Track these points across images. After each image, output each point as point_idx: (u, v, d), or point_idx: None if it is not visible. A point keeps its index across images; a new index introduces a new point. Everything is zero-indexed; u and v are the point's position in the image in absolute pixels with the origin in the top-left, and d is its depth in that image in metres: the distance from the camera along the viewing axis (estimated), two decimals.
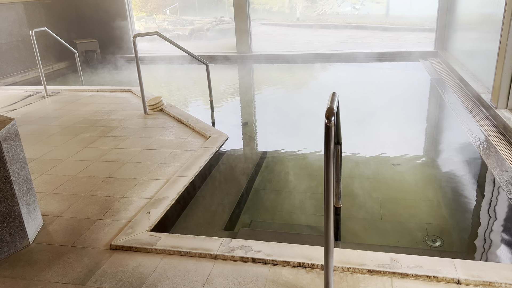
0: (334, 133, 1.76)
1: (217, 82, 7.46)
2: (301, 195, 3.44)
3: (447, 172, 3.67)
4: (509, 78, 4.21)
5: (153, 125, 4.78)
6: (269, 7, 20.19)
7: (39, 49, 8.30)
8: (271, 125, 5.30)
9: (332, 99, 1.89)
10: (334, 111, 1.76)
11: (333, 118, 1.73)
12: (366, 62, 8.15)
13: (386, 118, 5.17)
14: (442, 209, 3.08)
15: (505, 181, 3.05)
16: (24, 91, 6.84)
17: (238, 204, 3.27)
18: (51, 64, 8.58)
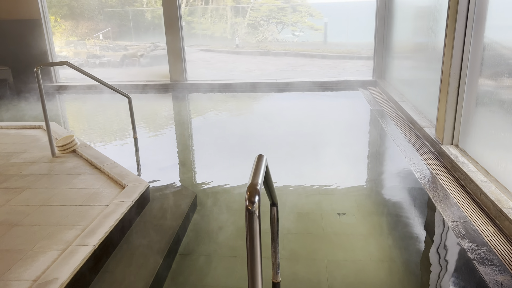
0: (259, 216, 1.21)
1: (146, 114, 6.79)
2: (238, 262, 2.85)
3: (396, 222, 3.28)
4: (453, 112, 3.98)
5: (60, 172, 4.01)
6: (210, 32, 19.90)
7: None
8: (204, 165, 4.71)
9: (256, 166, 1.35)
10: (258, 187, 1.22)
11: (256, 198, 1.19)
12: (305, 92, 7.88)
13: (325, 155, 4.79)
14: (395, 274, 2.63)
15: (462, 235, 2.67)
16: None
17: (156, 279, 2.61)
18: None
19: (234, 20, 19.65)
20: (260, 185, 1.24)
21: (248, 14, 19.75)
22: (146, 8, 19.46)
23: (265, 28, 19.99)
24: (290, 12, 19.31)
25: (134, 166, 4.61)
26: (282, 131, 5.68)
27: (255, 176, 1.27)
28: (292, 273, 2.68)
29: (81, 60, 12.77)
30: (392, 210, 3.47)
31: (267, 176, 1.64)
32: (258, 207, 1.19)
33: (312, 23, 19.13)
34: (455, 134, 3.99)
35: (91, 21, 18.12)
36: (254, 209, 1.18)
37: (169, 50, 8.16)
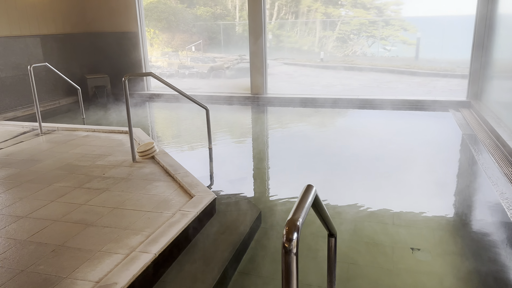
0: (297, 255, 1.10)
1: (223, 125, 6.94)
2: None
3: (478, 266, 2.88)
4: None
5: (137, 177, 4.22)
6: (298, 46, 20.01)
7: (47, 84, 8.09)
8: (275, 181, 4.65)
9: (301, 199, 1.24)
10: (298, 223, 1.11)
11: (295, 236, 1.08)
12: (388, 110, 7.46)
13: (404, 181, 4.43)
14: None
15: None
16: (21, 127, 6.51)
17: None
18: (58, 99, 8.33)
19: (322, 34, 19.52)
20: (301, 220, 1.13)
21: (338, 28, 19.48)
22: (237, 22, 20.22)
23: (354, 41, 19.55)
24: (382, 26, 18.65)
25: (206, 176, 4.70)
26: (360, 150, 5.41)
27: (297, 211, 1.16)
28: None
29: (172, 70, 13.59)
30: (475, 251, 3.07)
31: (319, 207, 1.52)
32: (296, 245, 1.08)
33: (405, 37, 18.26)
34: None
35: (186, 34, 19.30)
36: (291, 247, 1.07)
37: (251, 63, 8.31)
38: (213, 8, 20.51)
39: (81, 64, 9.05)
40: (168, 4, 19.32)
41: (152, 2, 18.77)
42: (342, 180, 4.54)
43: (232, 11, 21.29)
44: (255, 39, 8.17)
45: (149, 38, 19.12)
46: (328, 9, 19.82)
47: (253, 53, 8.26)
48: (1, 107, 7.18)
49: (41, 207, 3.57)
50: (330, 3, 19.72)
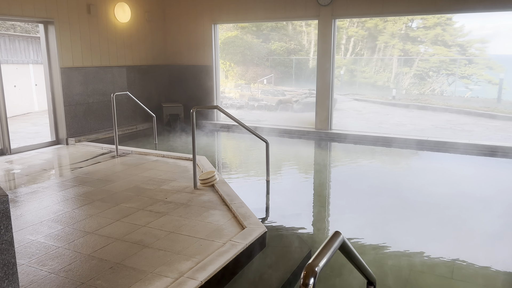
0: None
1: (284, 158, 7.02)
2: None
3: None
4: None
5: (196, 203, 4.43)
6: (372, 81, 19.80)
7: (127, 110, 8.84)
8: (330, 219, 4.60)
9: (326, 245, 1.28)
10: (316, 269, 1.15)
11: (311, 281, 1.12)
12: (460, 154, 7.04)
13: (470, 232, 4.13)
14: None
15: None
16: (100, 148, 7.15)
17: None
18: (136, 124, 9.03)
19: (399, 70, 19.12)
20: (320, 266, 1.17)
21: (416, 64, 18.99)
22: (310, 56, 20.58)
23: (433, 79, 18.87)
24: (464, 64, 17.84)
25: (260, 208, 4.78)
26: (424, 194, 5.17)
27: (318, 256, 1.20)
28: None
29: (243, 102, 14.10)
30: None
31: (351, 254, 1.53)
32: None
33: (491, 77, 17.25)
34: None
35: (259, 67, 20.03)
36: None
37: (317, 98, 8.39)
38: (288, 43, 21.13)
39: (159, 93, 9.78)
40: (244, 39, 20.26)
41: (230, 37, 19.83)
42: (401, 223, 4.37)
43: (306, 45, 21.74)
44: (322, 75, 8.28)
45: (225, 70, 20.12)
46: (406, 46, 19.45)
47: (319, 88, 8.36)
48: (87, 129, 7.97)
49: (107, 225, 3.88)
50: (408, 40, 19.36)
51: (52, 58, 7.37)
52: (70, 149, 7.23)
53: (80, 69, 7.76)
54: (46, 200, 4.60)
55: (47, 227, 3.86)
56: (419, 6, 7.30)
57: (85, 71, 7.86)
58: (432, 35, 18.57)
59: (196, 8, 9.34)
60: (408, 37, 19.39)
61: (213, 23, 9.26)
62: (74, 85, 7.66)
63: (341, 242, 1.35)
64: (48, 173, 5.73)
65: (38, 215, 4.14)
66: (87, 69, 7.90)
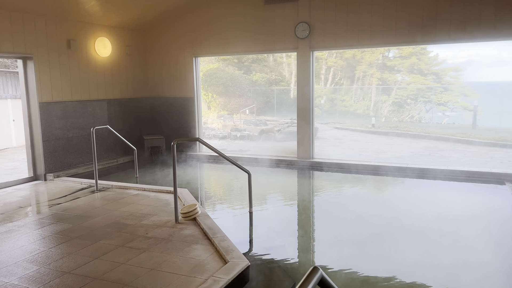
0: None
1: (267, 188, 7.00)
2: None
3: None
4: None
5: (177, 238, 4.35)
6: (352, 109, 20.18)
7: (107, 143, 8.76)
8: (314, 250, 4.56)
9: (303, 283, 1.27)
10: None
11: None
12: (439, 180, 7.16)
13: (448, 259, 4.15)
14: None
15: None
16: (80, 183, 7.01)
17: None
18: (117, 157, 8.93)
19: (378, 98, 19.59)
20: None
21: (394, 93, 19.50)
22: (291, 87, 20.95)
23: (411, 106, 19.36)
24: (440, 91, 18.42)
25: (244, 241, 4.72)
26: (405, 221, 5.20)
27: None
28: None
29: (225, 132, 14.14)
30: None
31: None
32: None
33: (466, 104, 17.83)
34: None
35: (241, 98, 20.26)
36: None
37: (298, 127, 8.49)
38: (269, 75, 21.52)
39: (140, 126, 9.75)
40: (226, 70, 20.56)
41: (212, 69, 20.10)
42: (385, 252, 4.36)
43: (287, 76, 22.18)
44: (302, 104, 8.41)
45: (207, 101, 20.26)
46: (384, 75, 20.04)
47: (300, 118, 8.47)
48: (66, 164, 7.82)
49: (85, 264, 3.76)
50: (386, 69, 19.96)
51: (30, 92, 7.30)
52: (49, 185, 7.07)
53: (59, 103, 7.70)
54: (21, 239, 4.45)
55: (21, 268, 3.72)
56: (393, 38, 7.58)
57: (64, 106, 7.80)
58: (408, 64, 19.22)
59: (177, 42, 9.48)
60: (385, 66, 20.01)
61: (194, 56, 9.39)
62: (53, 119, 7.58)
63: (320, 277, 1.34)
64: (25, 210, 5.57)
65: (13, 256, 3.99)
66: (66, 103, 7.85)
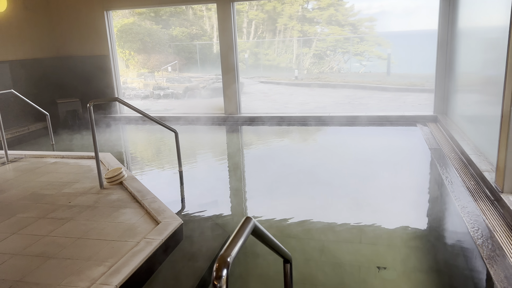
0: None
1: (195, 147, 6.92)
2: None
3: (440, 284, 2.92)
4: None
5: (104, 204, 4.15)
6: (276, 63, 20.29)
7: (15, 110, 7.95)
8: (248, 202, 4.64)
9: (236, 234, 1.25)
10: (229, 259, 1.11)
11: (224, 272, 1.08)
12: (359, 126, 7.59)
13: (371, 199, 4.49)
14: None
15: None
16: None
17: None
18: (28, 125, 8.18)
19: (299, 51, 19.87)
20: (233, 256, 1.13)
21: (314, 45, 19.89)
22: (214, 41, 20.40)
23: (331, 58, 19.96)
24: (357, 41, 19.14)
25: (175, 201, 4.66)
26: (330, 168, 5.47)
27: (230, 246, 1.16)
28: None
29: (147, 91, 13.54)
30: (437, 268, 3.11)
31: (264, 238, 1.52)
32: (225, 282, 1.08)
33: (380, 53, 18.77)
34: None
35: (161, 54, 19.34)
36: (221, 285, 1.07)
37: (224, 83, 8.37)
38: (189, 29, 20.67)
39: (52, 89, 8.94)
40: (142, 25, 19.36)
41: (127, 24, 18.79)
42: (312, 199, 4.57)
43: (209, 30, 21.50)
44: (226, 59, 8.25)
45: (125, 59, 19.08)
46: (304, 27, 20.25)
47: (225, 73, 8.33)
48: None
49: (1, 240, 3.46)
50: (305, 21, 20.16)
51: None
52: None
53: None
54: None
55: None
56: None
57: None
58: (326, 16, 19.59)
59: None
60: (305, 18, 20.21)
61: (104, 9, 8.65)
62: None
63: (253, 227, 1.33)
64: None
65: None
66: None
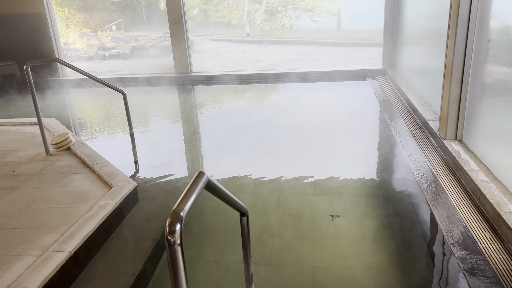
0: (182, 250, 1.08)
1: (146, 108, 6.71)
2: (223, 267, 2.75)
3: (389, 226, 3.10)
4: (456, 104, 3.74)
5: (51, 171, 3.97)
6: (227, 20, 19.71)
7: None
8: (203, 162, 4.61)
9: (189, 188, 1.22)
10: (182, 214, 1.09)
11: (177, 227, 1.06)
12: (311, 82, 7.65)
13: (323, 151, 4.61)
14: (384, 283, 2.47)
15: (455, 241, 2.49)
16: None
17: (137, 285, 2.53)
18: None
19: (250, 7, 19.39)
20: (186, 210, 1.11)
21: (265, 1, 19.44)
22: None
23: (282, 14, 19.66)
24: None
25: (128, 164, 4.54)
26: (281, 123, 5.53)
27: (183, 200, 1.14)
28: (277, 281, 2.56)
29: (91, 52, 12.79)
30: (386, 213, 3.29)
31: (218, 192, 1.51)
32: (179, 237, 1.06)
33: (331, 8, 18.71)
34: (459, 128, 3.76)
35: (104, 12, 18.17)
36: (175, 239, 1.06)
37: (173, 41, 8.05)
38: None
39: None
40: None
41: None
42: (267, 155, 4.62)
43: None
44: (174, 16, 7.89)
45: (64, 18, 17.77)
46: None
47: (173, 31, 7.99)
48: None
49: None
50: None
51: None
52: None
53: None
54: None
55: None
56: None
57: None
58: None
59: None
60: None
61: None
62: None
63: (206, 181, 1.31)
64: None
65: None
66: None
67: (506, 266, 2.24)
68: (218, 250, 2.97)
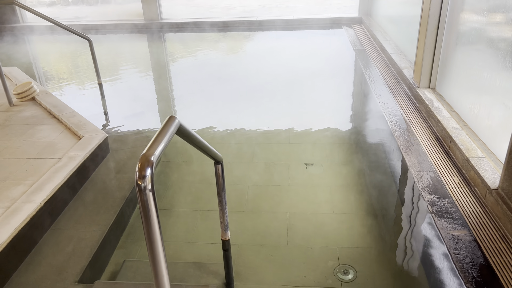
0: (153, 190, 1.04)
1: (115, 57, 6.41)
2: (198, 215, 2.76)
3: (362, 173, 3.16)
4: (431, 53, 3.73)
5: (16, 122, 3.79)
6: None
7: None
8: (175, 111, 4.50)
9: (159, 133, 1.16)
10: (152, 158, 1.04)
11: (148, 172, 1.01)
12: (286, 30, 7.46)
13: (297, 100, 4.57)
14: (356, 227, 2.55)
15: (425, 186, 2.56)
16: None
17: (106, 240, 2.51)
18: None
19: None
20: (157, 155, 1.06)
21: None
22: None
23: None
24: None
25: (97, 114, 4.39)
26: (256, 73, 5.41)
27: (152, 146, 1.08)
28: (252, 228, 2.60)
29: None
30: (359, 160, 3.34)
31: (191, 138, 1.46)
32: (150, 181, 1.02)
33: None
34: (433, 76, 3.77)
35: None
36: (145, 184, 1.01)
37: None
38: None
39: None
40: None
41: None
42: (243, 105, 4.55)
43: None
44: None
45: None
46: None
47: None
48: None
49: None
50: None
51: None
52: None
53: None
54: None
55: None
56: None
57: None
58: None
59: None
60: None
61: None
62: None
63: (178, 126, 1.25)
64: None
65: None
66: None
67: (472, 208, 2.33)
68: (193, 199, 2.96)
